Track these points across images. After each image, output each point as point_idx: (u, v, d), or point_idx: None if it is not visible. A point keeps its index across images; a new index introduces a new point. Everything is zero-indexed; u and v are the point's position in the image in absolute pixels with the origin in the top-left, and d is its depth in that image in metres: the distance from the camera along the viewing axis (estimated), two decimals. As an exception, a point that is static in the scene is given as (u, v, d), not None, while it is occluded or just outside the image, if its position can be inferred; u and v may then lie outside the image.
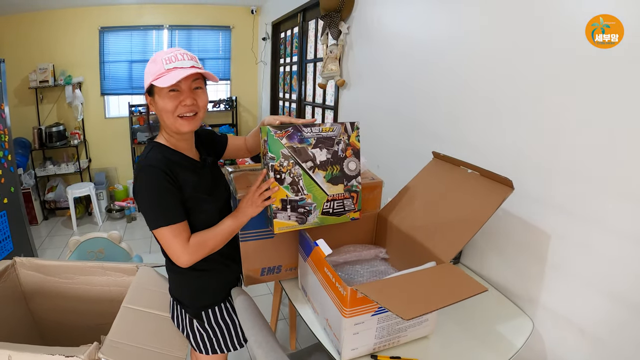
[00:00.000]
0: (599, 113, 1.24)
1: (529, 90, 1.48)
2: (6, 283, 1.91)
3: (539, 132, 1.45)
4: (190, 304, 1.50)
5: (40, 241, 4.38)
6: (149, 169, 1.25)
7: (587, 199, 1.30)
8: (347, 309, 1.11)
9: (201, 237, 1.29)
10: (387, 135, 2.51)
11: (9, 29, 4.76)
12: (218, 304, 1.52)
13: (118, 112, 5.55)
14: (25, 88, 4.91)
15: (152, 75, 1.24)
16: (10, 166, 3.23)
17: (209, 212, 1.36)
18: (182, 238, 1.25)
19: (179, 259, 1.26)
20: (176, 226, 1.24)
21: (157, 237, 1.27)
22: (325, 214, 1.39)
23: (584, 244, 1.32)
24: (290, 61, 4.61)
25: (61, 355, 1.33)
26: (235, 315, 1.54)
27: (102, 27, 5.08)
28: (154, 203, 1.25)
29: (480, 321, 1.46)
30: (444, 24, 1.95)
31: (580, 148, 1.31)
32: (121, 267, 1.96)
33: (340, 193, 1.40)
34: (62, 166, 5.08)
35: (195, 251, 1.27)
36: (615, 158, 1.21)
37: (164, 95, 1.25)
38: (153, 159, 1.28)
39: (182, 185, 1.29)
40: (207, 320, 1.50)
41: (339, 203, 1.41)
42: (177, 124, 1.28)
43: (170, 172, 1.26)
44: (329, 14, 2.85)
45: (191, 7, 5.29)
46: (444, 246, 1.29)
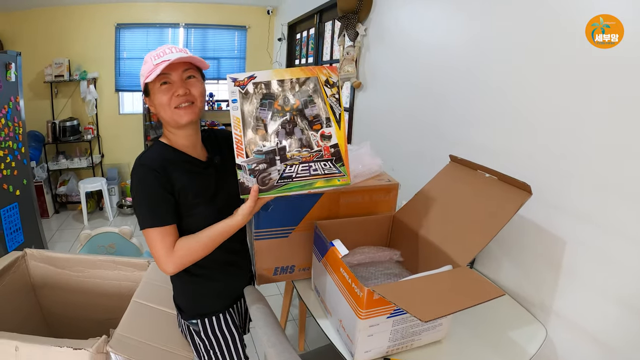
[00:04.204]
0: (615, 118, 1.23)
1: (545, 95, 1.46)
2: (16, 274, 1.92)
3: (555, 137, 1.43)
4: (186, 309, 1.46)
5: (51, 234, 4.40)
6: (140, 167, 1.24)
7: (603, 205, 1.28)
8: (363, 311, 1.09)
9: (187, 242, 1.21)
10: (403, 138, 2.49)
11: (26, 23, 4.81)
12: (216, 314, 1.46)
13: (132, 109, 5.60)
14: (41, 82, 4.96)
15: (144, 75, 1.22)
16: (23, 159, 3.26)
17: (204, 216, 1.27)
18: (166, 242, 1.19)
19: (162, 265, 1.20)
20: (161, 229, 1.19)
21: (145, 238, 1.23)
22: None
23: (599, 251, 1.30)
24: (305, 62, 4.61)
25: (69, 348, 1.33)
26: (236, 329, 1.49)
27: (118, 23, 5.12)
28: (141, 203, 1.22)
29: (493, 327, 1.44)
30: (461, 28, 1.94)
31: (597, 154, 1.29)
32: (133, 262, 1.96)
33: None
34: (75, 160, 5.11)
35: (179, 257, 1.19)
36: (632, 164, 1.19)
37: (157, 90, 1.23)
38: (147, 158, 1.26)
39: (175, 186, 1.24)
40: (204, 329, 1.44)
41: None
42: (175, 116, 1.24)
43: (163, 171, 1.23)
44: (346, 16, 2.84)
45: (207, 6, 5.31)
46: (460, 250, 1.27)
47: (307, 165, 1.15)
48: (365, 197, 1.59)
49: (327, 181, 1.16)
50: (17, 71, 3.16)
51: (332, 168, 1.16)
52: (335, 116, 1.16)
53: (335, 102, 1.16)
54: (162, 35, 5.37)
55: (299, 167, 1.14)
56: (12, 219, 3.08)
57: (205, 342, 1.45)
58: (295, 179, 1.14)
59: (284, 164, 1.14)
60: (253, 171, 1.13)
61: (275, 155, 1.13)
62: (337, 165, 1.16)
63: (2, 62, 2.99)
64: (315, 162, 1.15)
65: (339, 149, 1.16)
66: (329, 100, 1.16)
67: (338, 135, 1.16)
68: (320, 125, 1.16)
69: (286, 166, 1.14)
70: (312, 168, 1.15)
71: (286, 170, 1.14)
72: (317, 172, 1.15)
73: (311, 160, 1.15)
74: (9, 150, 3.06)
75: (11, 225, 3.07)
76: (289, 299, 2.38)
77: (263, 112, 1.13)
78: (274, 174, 1.13)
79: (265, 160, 1.13)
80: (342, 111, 1.17)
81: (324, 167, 1.16)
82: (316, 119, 1.15)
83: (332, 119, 1.16)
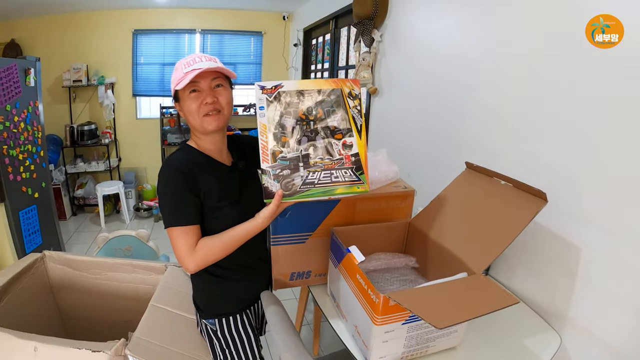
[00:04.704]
0: (631, 127, 1.22)
1: (562, 104, 1.45)
2: (34, 275, 1.95)
3: (571, 144, 1.42)
4: (204, 308, 1.50)
5: (68, 236, 4.47)
6: (167, 168, 1.29)
7: (619, 212, 1.27)
8: (378, 317, 1.10)
9: (208, 241, 1.26)
10: (418, 144, 2.48)
11: (45, 29, 4.92)
12: (233, 314, 1.50)
13: (149, 113, 5.67)
14: (59, 87, 5.06)
15: (174, 82, 1.28)
16: (42, 162, 3.31)
17: (228, 218, 1.31)
18: (188, 241, 1.24)
19: (184, 264, 1.25)
20: (185, 228, 1.24)
21: (168, 236, 1.27)
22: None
23: (615, 259, 1.29)
24: (321, 67, 4.63)
25: (88, 350, 1.35)
26: (252, 330, 1.52)
27: (135, 29, 5.20)
28: (167, 202, 1.27)
29: (507, 334, 1.43)
30: (477, 35, 1.93)
31: (612, 162, 1.28)
32: (150, 266, 1.98)
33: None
34: (93, 164, 5.19)
35: (201, 256, 1.24)
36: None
37: (186, 97, 1.29)
38: (174, 160, 1.32)
39: (201, 188, 1.29)
40: (220, 329, 1.48)
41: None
42: (203, 123, 1.30)
43: (190, 172, 1.28)
44: (362, 22, 2.85)
45: (224, 12, 5.36)
46: (476, 257, 1.27)
47: (329, 172, 1.18)
48: (381, 204, 1.59)
49: (348, 188, 1.19)
50: (36, 76, 3.23)
51: (352, 176, 1.19)
52: (357, 127, 1.20)
53: (357, 114, 1.20)
54: (178, 41, 5.43)
55: (321, 174, 1.18)
56: (30, 221, 3.14)
57: (221, 341, 1.48)
58: (317, 185, 1.17)
59: (307, 171, 1.17)
60: (277, 176, 1.16)
61: (299, 162, 1.17)
62: (357, 173, 1.20)
63: (22, 68, 3.06)
64: (336, 170, 1.19)
65: (359, 158, 1.20)
66: (351, 112, 1.20)
67: (359, 144, 1.20)
68: (342, 135, 1.20)
69: (309, 173, 1.17)
70: (334, 175, 1.18)
71: (309, 176, 1.17)
72: (338, 180, 1.19)
73: (333, 168, 1.18)
74: (28, 154, 3.11)
75: (30, 227, 3.13)
76: (303, 303, 2.39)
77: (288, 120, 1.17)
78: (297, 179, 1.17)
79: (289, 167, 1.16)
80: (363, 122, 1.21)
81: (345, 174, 1.19)
82: (338, 128, 1.19)
83: (354, 129, 1.20)
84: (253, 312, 1.59)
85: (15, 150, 2.96)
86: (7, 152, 2.87)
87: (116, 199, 5.24)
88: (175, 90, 1.31)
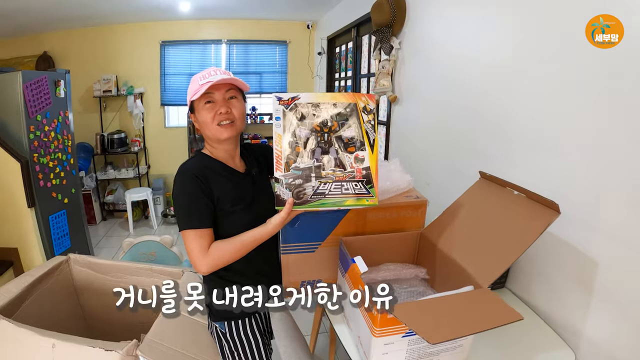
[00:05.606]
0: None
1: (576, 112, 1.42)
2: (60, 277, 2.04)
3: (588, 155, 1.38)
4: (214, 310, 1.50)
5: (98, 240, 4.61)
6: (182, 173, 1.35)
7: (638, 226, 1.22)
8: (377, 329, 1.10)
9: (220, 245, 1.31)
10: (438, 152, 2.46)
11: (76, 42, 5.13)
12: (242, 318, 1.52)
13: (177, 122, 5.79)
14: (90, 97, 5.25)
15: (190, 93, 1.35)
16: (72, 169, 3.44)
17: (240, 223, 1.35)
18: (201, 244, 1.29)
19: (196, 265, 1.30)
20: (198, 231, 1.29)
21: (183, 239, 1.32)
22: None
23: (633, 274, 1.24)
24: (345, 76, 4.65)
25: (101, 349, 1.41)
26: (261, 334, 1.54)
27: (163, 41, 5.35)
28: (182, 206, 1.32)
29: (520, 350, 1.40)
30: (495, 44, 1.89)
31: (633, 173, 1.23)
32: (168, 270, 2.03)
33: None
34: (122, 171, 5.35)
35: (213, 258, 1.29)
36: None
37: (201, 108, 1.36)
38: (189, 165, 1.38)
39: (214, 192, 1.34)
40: (230, 331, 1.51)
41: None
42: (217, 132, 1.36)
43: (204, 178, 1.33)
44: (380, 30, 2.85)
45: (249, 22, 5.45)
46: (483, 270, 1.25)
47: (340, 184, 1.22)
48: (392, 214, 1.59)
49: (357, 200, 1.24)
50: (66, 87, 3.36)
51: (362, 189, 1.23)
52: (370, 141, 1.24)
53: (371, 128, 1.24)
54: (205, 51, 5.55)
55: (332, 185, 1.22)
56: (60, 225, 3.26)
57: (230, 344, 1.52)
58: (327, 195, 1.22)
59: (319, 181, 1.21)
60: (289, 185, 1.21)
61: (311, 172, 1.21)
62: (367, 186, 1.24)
63: (52, 80, 3.20)
64: (347, 182, 1.23)
65: (370, 172, 1.24)
66: (364, 126, 1.23)
67: (370, 159, 1.24)
68: (354, 148, 1.23)
69: (320, 183, 1.21)
70: (344, 187, 1.22)
71: (320, 187, 1.21)
72: (349, 192, 1.23)
73: (344, 180, 1.22)
74: (58, 162, 3.25)
75: (59, 230, 3.25)
76: (320, 311, 2.39)
77: (303, 131, 1.21)
78: (309, 189, 1.21)
79: (302, 176, 1.20)
80: (376, 137, 1.24)
81: (355, 187, 1.23)
82: (351, 141, 1.23)
83: (367, 143, 1.24)
84: (263, 316, 1.61)
85: (46, 157, 3.09)
86: (38, 159, 2.99)
87: (145, 205, 5.37)
88: (191, 102, 1.37)
